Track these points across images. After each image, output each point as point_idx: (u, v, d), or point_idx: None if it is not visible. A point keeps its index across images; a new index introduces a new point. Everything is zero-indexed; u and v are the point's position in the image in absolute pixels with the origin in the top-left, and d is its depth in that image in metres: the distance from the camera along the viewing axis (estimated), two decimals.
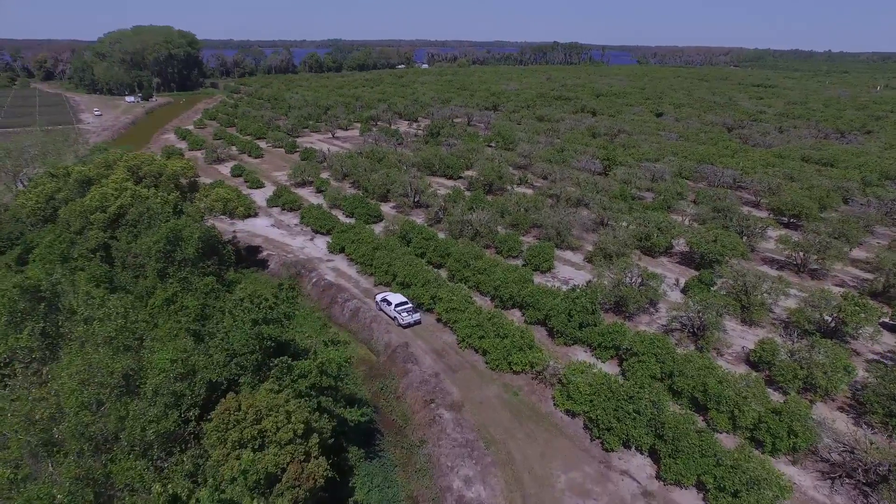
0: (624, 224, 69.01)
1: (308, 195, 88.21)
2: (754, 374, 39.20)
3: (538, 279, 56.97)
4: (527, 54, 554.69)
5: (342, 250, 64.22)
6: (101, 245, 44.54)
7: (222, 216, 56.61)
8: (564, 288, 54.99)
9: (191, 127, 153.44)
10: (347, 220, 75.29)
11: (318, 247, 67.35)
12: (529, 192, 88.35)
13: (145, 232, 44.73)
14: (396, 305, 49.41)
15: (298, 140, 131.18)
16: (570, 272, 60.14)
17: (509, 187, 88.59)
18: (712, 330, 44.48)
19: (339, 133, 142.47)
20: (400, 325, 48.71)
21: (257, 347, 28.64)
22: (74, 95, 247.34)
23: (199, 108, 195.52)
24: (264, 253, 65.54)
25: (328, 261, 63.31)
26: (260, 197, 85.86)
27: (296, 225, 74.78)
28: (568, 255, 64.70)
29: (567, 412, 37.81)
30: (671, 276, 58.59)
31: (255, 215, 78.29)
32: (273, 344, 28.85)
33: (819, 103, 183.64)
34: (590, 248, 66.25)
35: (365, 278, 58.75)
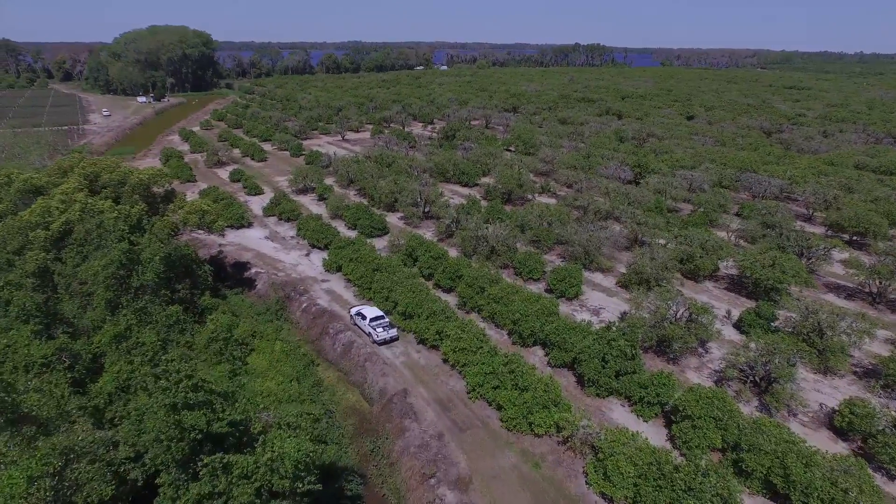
0: (661, 242, 60.39)
1: (309, 203, 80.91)
2: (853, 458, 30.31)
3: (564, 307, 48.75)
4: (548, 56, 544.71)
5: (339, 269, 56.63)
6: (42, 269, 37.48)
7: (200, 230, 49.41)
8: (595, 321, 46.76)
9: (197, 128, 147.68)
10: (349, 233, 67.78)
11: (313, 264, 59.83)
12: (552, 202, 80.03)
13: (94, 254, 37.55)
14: (371, 320, 44.64)
15: (306, 143, 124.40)
16: (601, 299, 51.75)
17: (530, 197, 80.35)
18: (782, 383, 35.84)
19: (350, 135, 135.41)
20: (375, 341, 43.85)
21: (179, 437, 20.82)
22: (88, 96, 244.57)
23: (210, 109, 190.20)
24: (252, 270, 58.18)
25: (323, 281, 55.72)
26: (258, 205, 78.87)
27: (292, 237, 67.39)
28: (597, 277, 56.29)
29: (603, 496, 29.54)
30: (720, 306, 49.90)
31: (249, 225, 71.17)
32: (200, 435, 21.07)
33: (861, 105, 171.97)
34: (622, 269, 57.79)
35: (365, 302, 50.99)
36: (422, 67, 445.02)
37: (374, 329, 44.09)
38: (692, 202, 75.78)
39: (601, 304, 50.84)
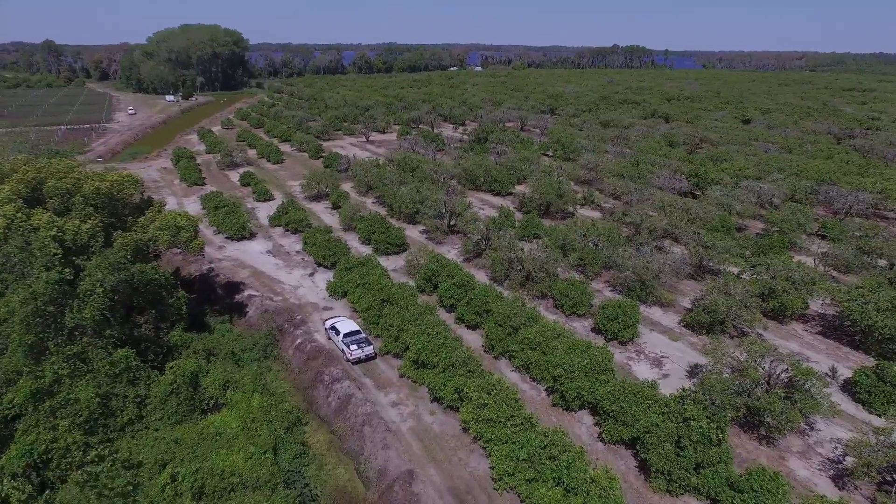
0: (733, 270, 49.87)
1: (322, 212, 72.59)
2: None
3: (617, 353, 38.90)
4: (585, 58, 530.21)
5: (345, 295, 47.86)
6: None
7: (178, 248, 41.32)
8: (657, 375, 36.82)
9: (217, 127, 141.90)
10: (363, 249, 59.07)
11: (317, 287, 51.22)
12: (597, 215, 69.95)
13: (14, 285, 29.59)
14: (345, 336, 39.70)
15: (328, 144, 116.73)
16: (662, 343, 41.65)
17: (571, 209, 70.34)
18: None
19: (376, 136, 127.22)
20: (348, 359, 38.94)
21: None
22: (120, 94, 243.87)
23: (235, 108, 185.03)
24: (245, 293, 49.87)
25: (325, 309, 47.01)
26: (265, 212, 70.92)
27: (297, 253, 58.98)
28: (655, 313, 46.14)
29: None
30: (817, 359, 39.31)
31: (252, 237, 63.13)
32: None
33: None
34: (686, 303, 47.52)
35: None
36: (455, 68, 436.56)
37: (348, 346, 38.77)
38: (764, 220, 64.70)
39: (663, 350, 40.74)
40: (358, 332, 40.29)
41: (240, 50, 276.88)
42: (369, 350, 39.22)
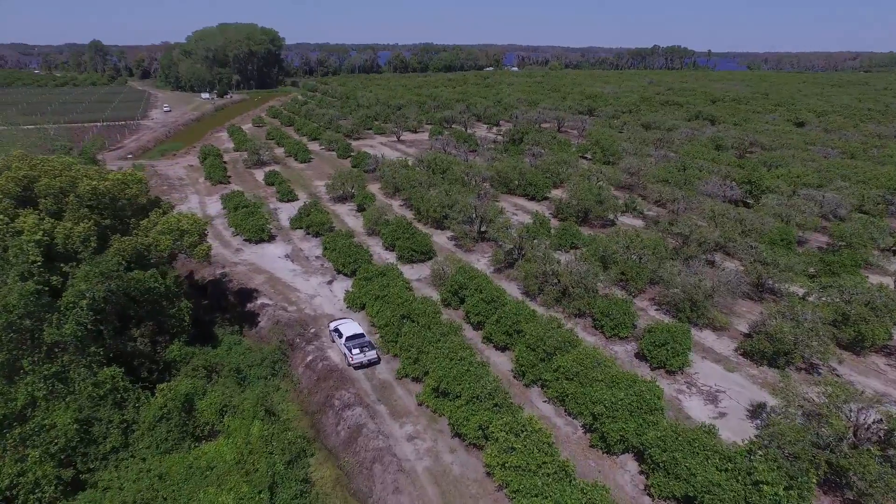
0: (798, 291, 44.31)
1: (346, 214, 69.20)
2: None
3: (665, 385, 34.07)
4: (623, 59, 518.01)
5: (364, 307, 44.09)
6: None
7: (183, 253, 38.15)
8: (712, 411, 31.94)
9: (248, 125, 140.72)
10: (387, 256, 55.36)
11: (335, 296, 47.62)
12: (639, 224, 64.74)
13: None
14: (347, 339, 37.80)
15: (358, 143, 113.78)
16: (717, 374, 36.54)
17: (612, 216, 65.24)
18: None
19: (407, 136, 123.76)
20: (350, 364, 37.04)
21: None
22: (158, 92, 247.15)
23: (267, 106, 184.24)
24: (258, 302, 46.61)
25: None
26: (288, 213, 67.90)
27: (316, 258, 55.59)
28: (708, 338, 40.98)
29: None
30: None
31: (271, 240, 60.08)
32: None
33: None
34: (742, 326, 42.19)
35: (387, 362, 38.12)
36: (491, 68, 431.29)
37: (350, 350, 36.92)
38: (828, 233, 58.48)
39: (718, 382, 35.63)
40: (361, 335, 38.22)
41: (275, 48, 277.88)
42: (372, 355, 37.17)
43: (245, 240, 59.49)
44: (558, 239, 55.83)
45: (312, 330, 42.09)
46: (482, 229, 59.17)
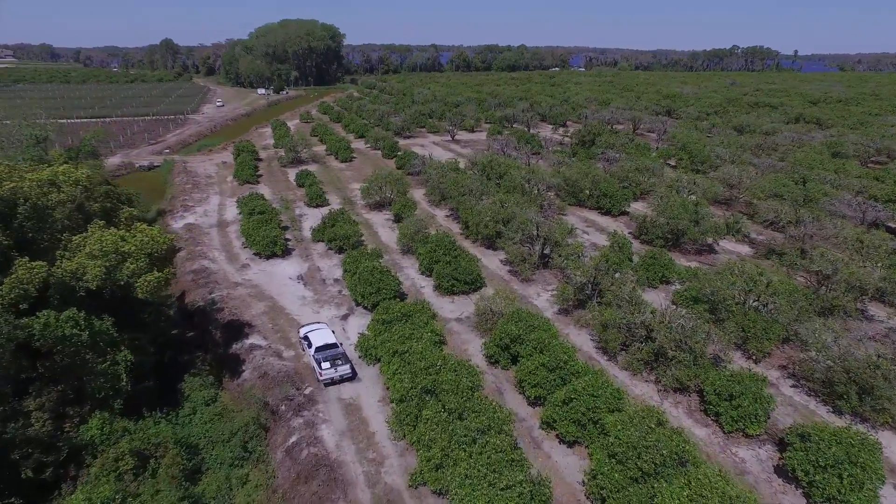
0: None
1: (381, 225, 58.22)
2: None
3: None
4: (699, 60, 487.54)
5: (380, 360, 32.51)
6: None
7: (116, 286, 27.77)
8: None
9: (296, 121, 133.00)
10: (422, 283, 43.80)
11: (347, 338, 36.36)
12: (744, 250, 50.54)
13: None
14: (318, 350, 32.04)
15: (408, 141, 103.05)
16: None
17: (711, 240, 51.18)
18: None
19: (462, 135, 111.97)
20: (319, 380, 30.96)
21: None
22: (218, 88, 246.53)
23: (318, 102, 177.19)
24: (248, 341, 35.92)
25: (351, 380, 31.95)
26: (314, 221, 57.47)
27: (335, 281, 44.63)
28: (891, 444, 26.94)
29: None
30: None
31: (285, 254, 49.65)
32: None
33: None
34: None
35: (400, 451, 26.37)
36: (557, 69, 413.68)
37: (319, 363, 31.17)
38: None
39: None
40: (334, 345, 32.63)
41: (335, 44, 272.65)
42: (345, 370, 31.34)
43: (255, 253, 49.36)
44: (644, 270, 42.59)
45: (308, 389, 30.96)
46: (545, 252, 46.59)
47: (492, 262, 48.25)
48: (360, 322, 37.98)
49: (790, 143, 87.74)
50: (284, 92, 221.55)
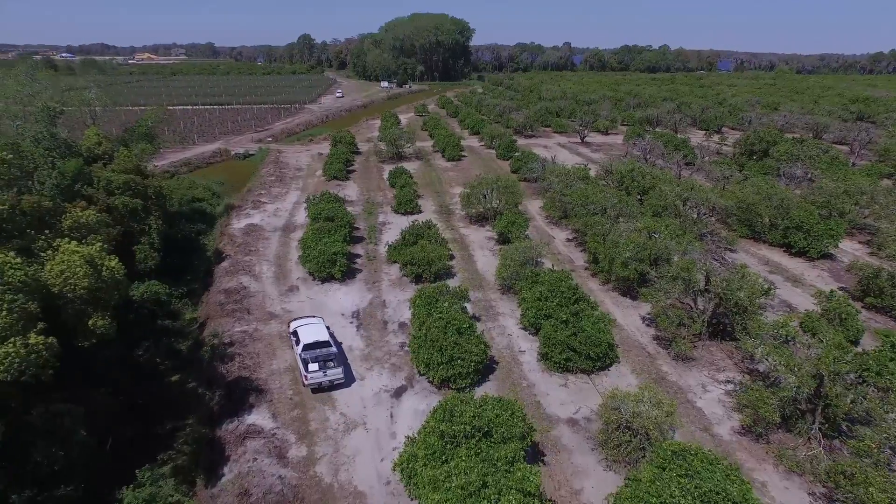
0: None
1: (480, 245, 44.72)
2: None
3: None
4: (882, 62, 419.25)
5: (429, 484, 18.87)
6: None
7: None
8: None
9: (411, 114, 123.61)
10: (524, 347, 29.75)
11: (394, 435, 23.21)
12: None
13: None
14: (305, 348, 25.72)
15: (529, 141, 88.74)
16: None
17: None
18: None
19: (594, 138, 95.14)
20: (304, 385, 25.22)
21: None
22: (344, 80, 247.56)
23: (439, 96, 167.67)
24: (248, 420, 23.95)
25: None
26: (396, 233, 45.00)
27: (400, 327, 31.76)
28: None
29: None
30: None
31: (345, 279, 37.59)
32: None
33: None
34: None
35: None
36: (703, 72, 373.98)
37: (305, 364, 25.04)
38: None
39: None
40: (326, 343, 26.18)
41: (464, 39, 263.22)
42: (336, 373, 25.29)
43: (309, 273, 37.95)
44: (879, 362, 25.05)
45: None
46: (716, 311, 30.29)
47: (629, 317, 32.90)
48: (417, 406, 24.78)
49: None
50: (407, 86, 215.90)
